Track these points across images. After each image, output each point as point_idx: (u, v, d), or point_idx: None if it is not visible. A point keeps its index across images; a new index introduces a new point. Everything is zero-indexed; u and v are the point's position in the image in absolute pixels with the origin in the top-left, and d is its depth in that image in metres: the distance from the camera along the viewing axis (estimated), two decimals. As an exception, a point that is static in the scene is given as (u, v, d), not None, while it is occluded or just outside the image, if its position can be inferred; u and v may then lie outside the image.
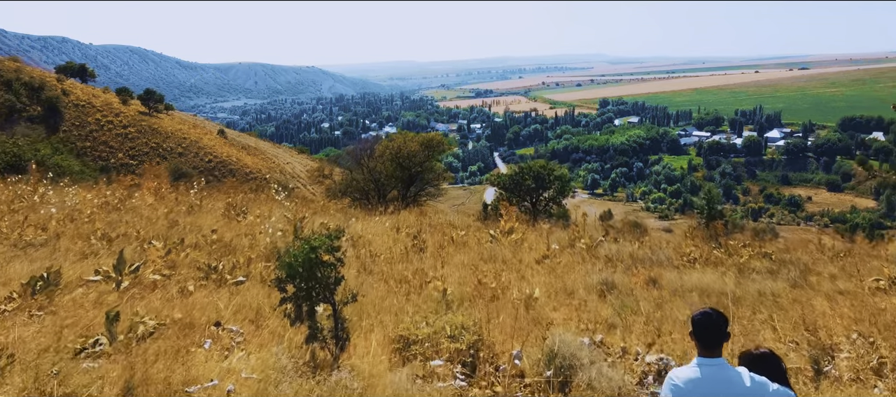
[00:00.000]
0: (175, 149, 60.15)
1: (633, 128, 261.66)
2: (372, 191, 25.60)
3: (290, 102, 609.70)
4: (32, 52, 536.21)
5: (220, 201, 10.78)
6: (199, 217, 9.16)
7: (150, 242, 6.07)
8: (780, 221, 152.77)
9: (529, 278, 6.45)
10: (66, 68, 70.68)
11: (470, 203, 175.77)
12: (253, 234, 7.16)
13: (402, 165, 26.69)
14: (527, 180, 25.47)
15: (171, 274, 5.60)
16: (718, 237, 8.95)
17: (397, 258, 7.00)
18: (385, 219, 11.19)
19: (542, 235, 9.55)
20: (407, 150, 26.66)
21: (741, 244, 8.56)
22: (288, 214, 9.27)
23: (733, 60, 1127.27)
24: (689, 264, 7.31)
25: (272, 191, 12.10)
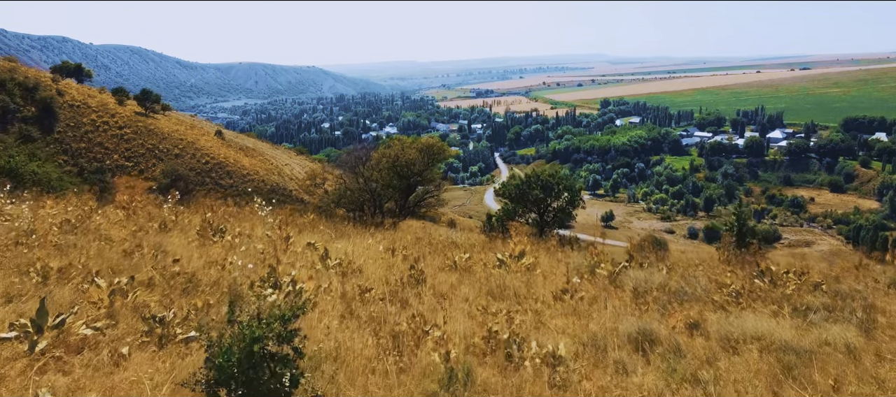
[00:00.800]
0: (171, 151, 59.16)
1: (635, 128, 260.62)
2: (367, 201, 24.15)
3: (290, 102, 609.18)
4: (32, 51, 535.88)
5: (199, 216, 9.75)
6: (169, 237, 8.15)
7: (94, 279, 5.06)
8: (782, 223, 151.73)
9: (548, 321, 5.45)
10: (61, 68, 69.68)
11: (471, 204, 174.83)
12: (224, 263, 6.16)
13: (399, 174, 25.13)
14: (534, 189, 24.12)
15: (109, 325, 4.59)
16: (756, 261, 7.94)
17: (391, 292, 5.98)
18: (380, 236, 10.17)
19: (555, 258, 8.54)
20: (405, 158, 25.12)
21: (783, 270, 7.53)
22: (270, 233, 8.24)
23: (734, 60, 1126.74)
24: (732, 300, 6.30)
25: (255, 206, 11.04)
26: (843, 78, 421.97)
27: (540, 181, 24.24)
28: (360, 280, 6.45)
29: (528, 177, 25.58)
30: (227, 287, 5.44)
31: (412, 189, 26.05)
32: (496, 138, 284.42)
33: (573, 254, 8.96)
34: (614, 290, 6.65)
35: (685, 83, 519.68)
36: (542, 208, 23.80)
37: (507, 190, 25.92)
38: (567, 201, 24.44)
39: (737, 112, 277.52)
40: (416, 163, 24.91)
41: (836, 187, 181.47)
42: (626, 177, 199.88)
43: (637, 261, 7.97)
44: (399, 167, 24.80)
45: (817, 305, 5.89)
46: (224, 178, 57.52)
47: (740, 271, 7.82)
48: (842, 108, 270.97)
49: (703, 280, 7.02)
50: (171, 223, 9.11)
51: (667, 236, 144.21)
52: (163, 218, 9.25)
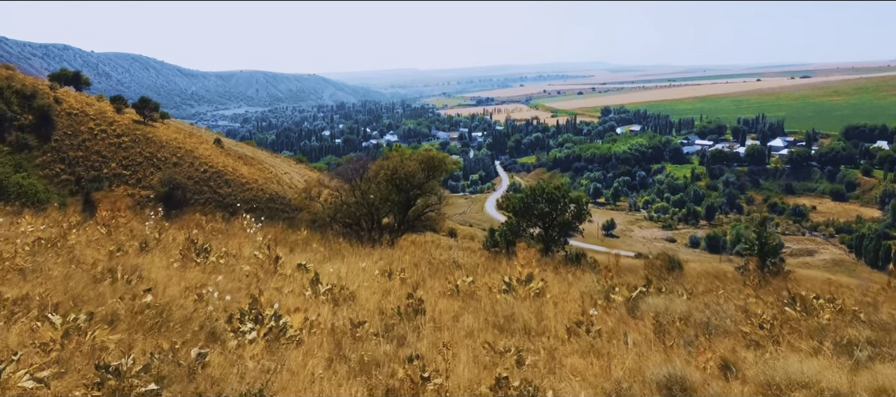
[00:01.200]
0: (170, 159, 58.64)
1: (636, 136, 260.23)
2: (364, 215, 23.06)
3: (291, 110, 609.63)
4: (34, 59, 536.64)
5: (185, 233, 9.15)
6: (149, 258, 7.55)
7: (48, 315, 4.45)
8: (784, 231, 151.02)
9: (563, 360, 4.85)
10: (59, 76, 69.24)
11: (471, 212, 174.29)
12: (202, 291, 5.58)
13: (398, 187, 23.96)
14: (539, 203, 23.26)
15: (56, 374, 3.97)
16: (786, 286, 7.32)
17: (386, 325, 5.37)
18: (376, 255, 9.57)
19: (565, 280, 7.93)
20: (404, 171, 23.93)
21: (813, 295, 6.92)
22: (259, 253, 7.64)
23: (735, 69, 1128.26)
24: (766, 333, 5.69)
25: (243, 223, 10.43)
26: (843, 86, 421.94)
27: (545, 194, 23.39)
28: (353, 309, 5.85)
29: (533, 190, 24.66)
30: (201, 323, 4.85)
31: (411, 202, 24.94)
32: (497, 146, 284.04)
33: (584, 276, 8.37)
34: (633, 321, 6.06)
35: (685, 91, 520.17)
36: (547, 222, 22.95)
37: (511, 203, 25.01)
38: (573, 214, 23.61)
39: (737, 120, 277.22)
40: (416, 175, 23.78)
41: (838, 196, 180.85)
42: (627, 186, 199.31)
43: (655, 285, 7.37)
44: (398, 180, 23.71)
45: (860, 339, 5.30)
46: (222, 187, 56.99)
47: (767, 296, 7.23)
48: (843, 116, 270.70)
49: (729, 308, 6.43)
50: (153, 242, 8.51)
51: (668, 245, 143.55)
52: (145, 236, 8.65)
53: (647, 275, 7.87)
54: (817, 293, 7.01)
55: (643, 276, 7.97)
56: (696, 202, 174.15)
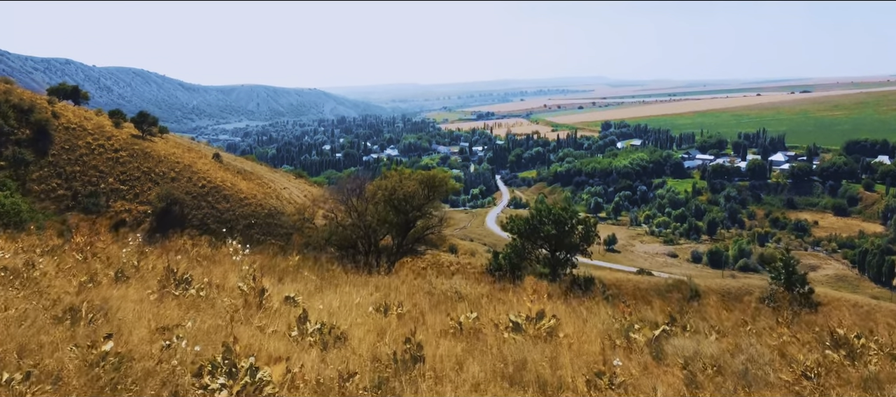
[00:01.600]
0: (167, 174, 58.04)
1: (636, 151, 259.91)
2: (361, 238, 21.88)
3: (291, 124, 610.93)
4: (36, 73, 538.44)
5: (166, 259, 8.49)
6: (124, 289, 6.89)
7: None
8: (787, 247, 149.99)
9: (585, 423, 4.19)
10: (58, 90, 68.88)
11: (472, 226, 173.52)
12: (173, 337, 4.92)
13: (397, 208, 22.77)
14: (545, 225, 22.27)
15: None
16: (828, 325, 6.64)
17: (380, 376, 4.70)
18: (372, 285, 8.90)
19: (578, 314, 7.27)
20: (403, 192, 22.69)
21: (854, 334, 6.26)
22: (243, 285, 6.98)
23: (734, 83, 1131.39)
24: (812, 383, 5.03)
25: (230, 249, 9.76)
26: (843, 100, 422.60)
27: (552, 215, 22.48)
28: (344, 354, 5.18)
29: (539, 210, 23.66)
30: (165, 378, 4.19)
31: (411, 224, 23.75)
32: (497, 160, 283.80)
33: (598, 309, 7.71)
34: (660, 369, 5.39)
35: (686, 106, 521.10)
36: (553, 244, 22.07)
37: (516, 225, 24.06)
38: (581, 236, 22.77)
39: (738, 134, 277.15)
40: (416, 196, 22.55)
41: (840, 210, 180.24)
42: (628, 200, 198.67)
43: (679, 323, 6.71)
44: (396, 201, 22.50)
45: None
46: (221, 202, 56.35)
47: (803, 334, 6.57)
48: (843, 131, 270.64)
49: (765, 351, 5.77)
50: (131, 270, 7.86)
51: (670, 260, 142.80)
52: (122, 264, 8.00)
53: (670, 312, 7.21)
54: (857, 329, 6.36)
55: (665, 312, 7.31)
56: (698, 217, 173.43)
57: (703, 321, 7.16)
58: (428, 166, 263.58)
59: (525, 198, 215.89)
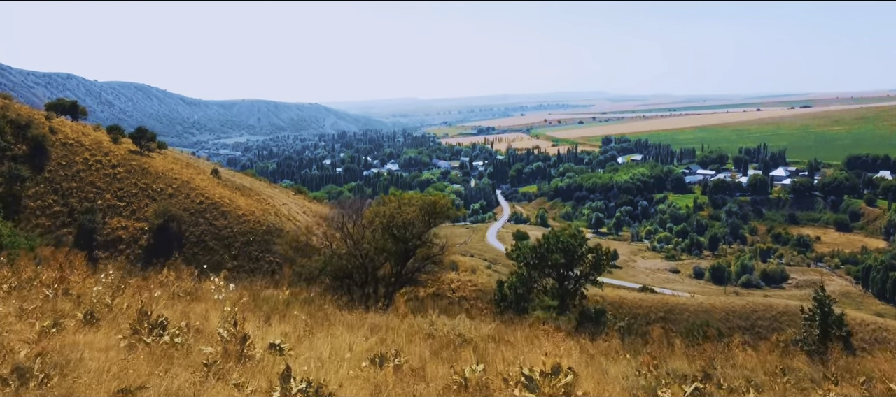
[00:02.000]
0: (165, 190, 57.43)
1: (637, 166, 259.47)
2: (358, 268, 20.60)
3: (292, 139, 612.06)
4: (37, 88, 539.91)
5: (144, 294, 7.82)
6: (91, 335, 6.23)
7: None
8: (789, 262, 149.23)
9: None
10: (57, 105, 68.43)
11: (472, 241, 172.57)
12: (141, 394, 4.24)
13: (395, 236, 21.58)
14: (553, 255, 21.18)
15: None
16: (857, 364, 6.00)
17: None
18: (368, 324, 8.21)
19: (597, 366, 6.58)
20: (402, 218, 21.51)
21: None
22: (223, 331, 6.30)
23: (735, 98, 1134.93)
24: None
25: (211, 286, 9.06)
26: (844, 115, 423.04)
27: (560, 244, 21.41)
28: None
29: (548, 238, 22.51)
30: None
31: (410, 253, 22.54)
32: (498, 175, 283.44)
33: (619, 358, 7.03)
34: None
35: (686, 121, 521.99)
36: (562, 274, 21.07)
37: (523, 253, 22.91)
38: (592, 265, 21.82)
39: (739, 149, 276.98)
40: (415, 223, 21.40)
41: (842, 226, 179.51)
42: (629, 215, 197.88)
43: (714, 380, 6.03)
44: (395, 228, 21.30)
45: None
46: (218, 219, 55.70)
47: (852, 390, 5.91)
48: (844, 146, 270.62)
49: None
50: (103, 310, 7.19)
51: (672, 276, 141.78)
52: (93, 304, 7.32)
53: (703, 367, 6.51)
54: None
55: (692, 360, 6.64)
56: (699, 232, 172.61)
57: (733, 368, 6.49)
58: (428, 181, 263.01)
59: (526, 213, 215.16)
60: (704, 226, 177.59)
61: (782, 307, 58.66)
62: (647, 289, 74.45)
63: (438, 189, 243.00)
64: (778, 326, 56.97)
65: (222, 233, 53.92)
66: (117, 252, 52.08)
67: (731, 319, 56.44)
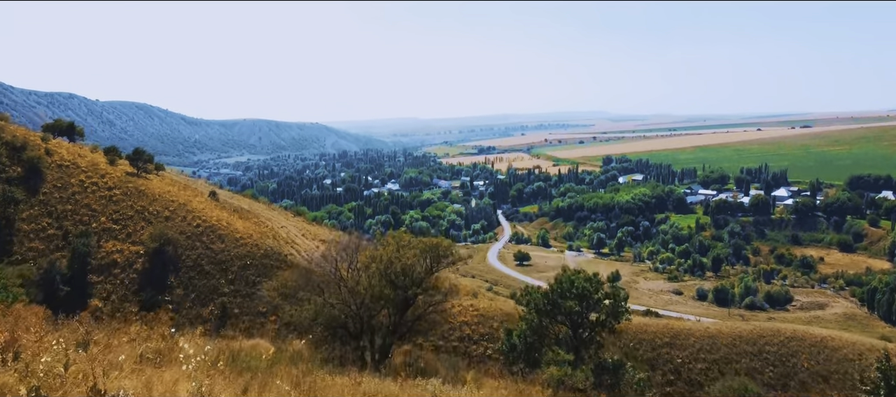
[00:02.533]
0: (161, 213, 56.50)
1: (638, 186, 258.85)
2: (352, 317, 18.69)
3: (293, 158, 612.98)
4: (39, 107, 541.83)
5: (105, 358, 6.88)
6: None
7: None
8: (793, 284, 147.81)
9: None
10: (53, 126, 67.83)
11: (474, 262, 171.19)
12: None
13: (394, 283, 19.79)
14: (567, 301, 19.55)
15: None
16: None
17: None
18: (362, 388, 7.27)
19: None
20: (401, 264, 19.72)
21: None
22: (192, 409, 5.35)
23: (735, 118, 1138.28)
24: None
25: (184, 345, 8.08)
26: (844, 135, 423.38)
27: (574, 289, 19.89)
28: None
29: (560, 282, 20.91)
30: None
31: (410, 301, 20.70)
32: (498, 195, 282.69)
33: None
34: None
35: (687, 141, 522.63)
36: (577, 321, 19.62)
37: (533, 299, 21.27)
38: (609, 311, 20.38)
39: (740, 170, 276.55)
40: (416, 268, 19.65)
41: (846, 247, 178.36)
42: (631, 236, 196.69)
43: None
44: (393, 274, 19.50)
45: None
46: (216, 242, 54.72)
47: None
48: (845, 166, 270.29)
49: None
50: (54, 382, 6.22)
51: (675, 297, 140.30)
52: (40, 378, 6.34)
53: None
54: None
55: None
56: (702, 253, 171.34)
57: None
58: (429, 200, 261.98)
59: (527, 234, 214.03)
60: (707, 247, 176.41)
61: (790, 332, 57.46)
62: (652, 313, 73.22)
63: (439, 209, 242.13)
64: (786, 352, 55.83)
65: (219, 256, 52.90)
66: (112, 276, 51.14)
67: (737, 345, 55.22)
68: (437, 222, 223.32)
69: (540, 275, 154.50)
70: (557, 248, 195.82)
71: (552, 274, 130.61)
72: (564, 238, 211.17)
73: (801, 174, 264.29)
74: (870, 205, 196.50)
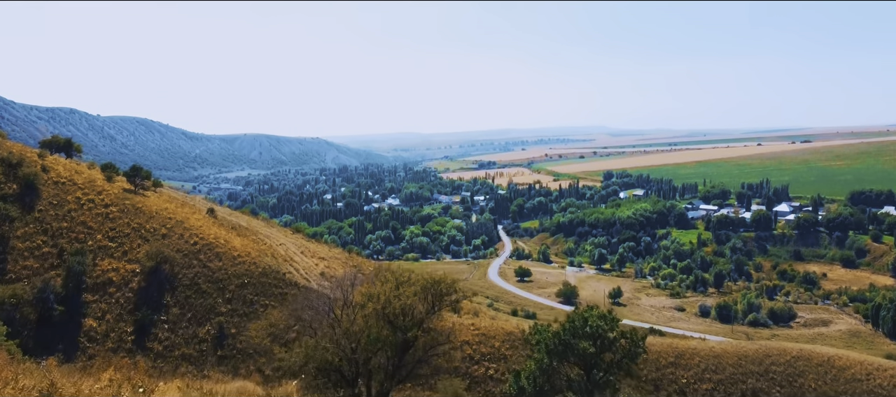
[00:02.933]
0: (158, 231, 55.80)
1: (639, 201, 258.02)
2: (346, 359, 17.24)
3: (293, 173, 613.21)
4: (40, 122, 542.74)
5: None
6: None
7: None
8: (796, 300, 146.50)
9: None
10: (50, 143, 67.20)
11: (474, 278, 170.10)
12: None
13: (392, 323, 18.42)
14: (581, 342, 18.23)
15: None
16: None
17: None
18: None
19: None
20: (400, 304, 18.27)
21: None
22: None
23: (735, 133, 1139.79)
24: None
25: None
26: (845, 150, 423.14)
27: (588, 328, 18.60)
28: None
29: (573, 322, 19.57)
30: None
31: (410, 344, 19.13)
32: (499, 210, 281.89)
33: None
34: None
35: (687, 155, 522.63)
36: (590, 363, 18.33)
37: (543, 339, 19.89)
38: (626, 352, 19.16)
39: (741, 185, 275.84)
40: (415, 309, 18.08)
41: (848, 262, 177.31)
42: (632, 251, 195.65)
43: None
44: (391, 316, 17.96)
45: None
46: (213, 261, 53.96)
47: None
48: (847, 181, 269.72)
49: None
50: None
51: (678, 314, 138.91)
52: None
53: None
54: None
55: None
56: (704, 269, 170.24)
57: None
58: (429, 216, 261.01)
59: (527, 249, 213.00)
60: (709, 263, 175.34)
61: (796, 351, 56.55)
62: (656, 331, 72.28)
63: (439, 224, 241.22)
64: (793, 372, 54.91)
65: (216, 275, 52.12)
66: (107, 295, 50.36)
67: (743, 364, 54.33)
68: (438, 238, 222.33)
69: (541, 291, 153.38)
70: (558, 264, 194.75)
71: (553, 290, 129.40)
72: (565, 253, 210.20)
73: (802, 189, 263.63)
74: (872, 220, 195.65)
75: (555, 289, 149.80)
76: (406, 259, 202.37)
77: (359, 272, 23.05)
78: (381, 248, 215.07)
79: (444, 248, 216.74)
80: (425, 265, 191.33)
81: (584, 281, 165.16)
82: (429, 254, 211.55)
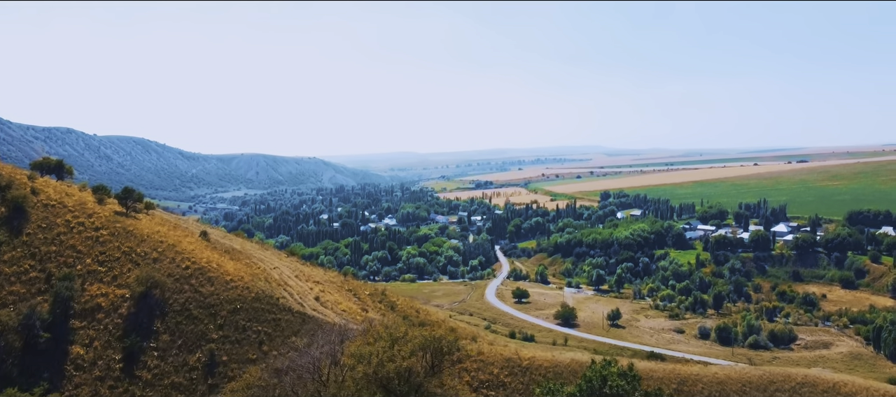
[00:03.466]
0: (149, 255, 54.53)
1: (637, 221, 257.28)
2: None
3: (290, 193, 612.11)
4: (36, 142, 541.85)
5: None
6: None
7: None
8: (797, 322, 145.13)
9: None
10: (41, 165, 66.22)
11: (471, 299, 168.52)
12: None
13: (387, 389, 16.64)
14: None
15: None
16: None
17: None
18: None
19: None
20: (394, 367, 16.37)
21: None
22: None
23: (731, 153, 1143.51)
24: None
25: None
26: (842, 170, 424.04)
27: (608, 390, 16.90)
28: None
29: (590, 381, 17.75)
30: None
31: None
32: (496, 230, 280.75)
33: None
34: None
35: (684, 175, 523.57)
36: None
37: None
38: None
39: (739, 205, 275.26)
40: (414, 371, 15.80)
41: (848, 283, 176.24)
42: (630, 272, 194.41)
43: None
44: (385, 378, 15.71)
45: None
46: (205, 285, 52.70)
47: None
48: (844, 201, 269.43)
49: None
50: None
51: (677, 336, 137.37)
52: None
53: None
54: None
55: None
56: (703, 289, 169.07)
57: None
58: (426, 236, 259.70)
59: (525, 270, 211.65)
60: (708, 284, 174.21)
61: (801, 377, 55.27)
62: (656, 356, 71.00)
63: (436, 244, 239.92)
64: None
65: (208, 300, 50.84)
66: (95, 321, 49.09)
67: (748, 391, 53.06)
68: (435, 258, 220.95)
69: (539, 312, 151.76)
70: (556, 285, 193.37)
71: (551, 311, 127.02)
72: (563, 274, 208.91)
73: (800, 209, 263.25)
74: (870, 240, 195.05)
75: (553, 310, 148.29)
76: (403, 280, 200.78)
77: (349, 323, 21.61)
78: (377, 269, 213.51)
79: (441, 269, 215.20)
80: (422, 286, 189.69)
81: (582, 302, 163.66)
82: (426, 274, 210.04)
